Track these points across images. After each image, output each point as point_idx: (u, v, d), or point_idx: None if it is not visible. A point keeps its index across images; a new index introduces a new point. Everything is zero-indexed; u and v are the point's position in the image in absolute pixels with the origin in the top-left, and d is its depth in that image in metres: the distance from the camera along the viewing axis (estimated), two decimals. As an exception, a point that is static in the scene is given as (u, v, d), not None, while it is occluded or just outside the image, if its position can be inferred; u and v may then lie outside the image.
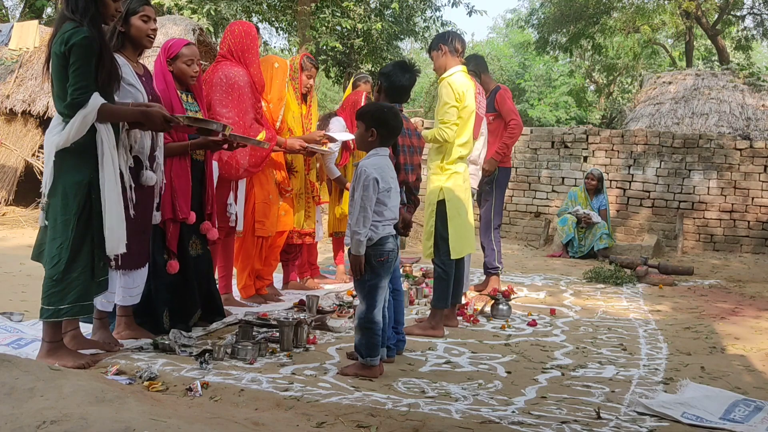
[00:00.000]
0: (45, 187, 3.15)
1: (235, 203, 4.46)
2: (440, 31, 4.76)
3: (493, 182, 5.67)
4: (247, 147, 4.37)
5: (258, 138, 4.24)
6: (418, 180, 4.05)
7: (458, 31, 4.64)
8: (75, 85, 3.01)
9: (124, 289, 3.55)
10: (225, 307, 4.32)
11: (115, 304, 3.59)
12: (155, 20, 3.58)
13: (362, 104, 5.54)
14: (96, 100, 3.05)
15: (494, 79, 6.06)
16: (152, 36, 3.55)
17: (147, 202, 3.55)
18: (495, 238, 5.62)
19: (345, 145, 5.57)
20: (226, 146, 3.92)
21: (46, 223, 3.13)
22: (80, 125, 3.03)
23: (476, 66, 5.73)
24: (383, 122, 3.34)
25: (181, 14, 13.29)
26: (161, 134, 3.55)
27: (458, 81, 4.32)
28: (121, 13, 3.38)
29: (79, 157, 3.07)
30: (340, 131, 5.37)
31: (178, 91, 3.92)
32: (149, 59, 8.62)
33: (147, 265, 3.64)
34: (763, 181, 9.41)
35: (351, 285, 5.13)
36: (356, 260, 3.26)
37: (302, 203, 5.24)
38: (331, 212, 5.85)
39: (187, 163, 3.88)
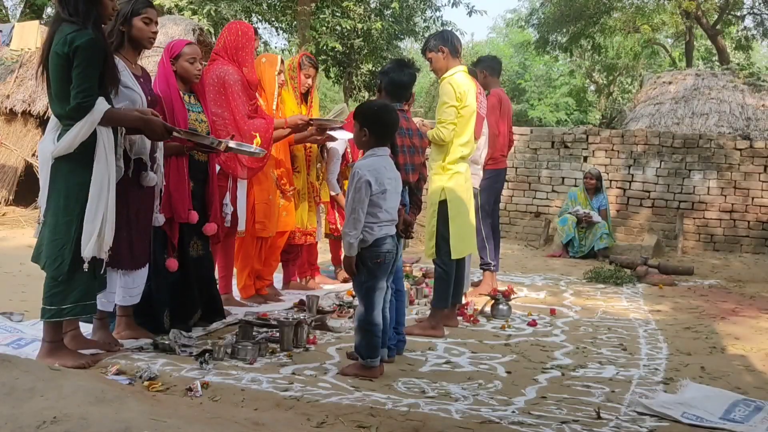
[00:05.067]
0: (41, 197, 3.13)
1: (231, 204, 4.43)
2: (436, 32, 4.69)
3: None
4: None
5: (254, 144, 4.20)
6: (422, 180, 4.03)
7: (453, 30, 4.63)
8: (80, 87, 2.99)
9: (124, 289, 3.54)
10: (225, 307, 4.31)
11: (115, 304, 3.59)
12: (157, 23, 3.57)
13: None
14: (102, 104, 3.05)
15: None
16: (153, 38, 3.55)
17: (148, 203, 3.55)
18: (486, 234, 5.61)
19: (343, 155, 5.59)
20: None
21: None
22: (87, 130, 3.03)
23: (487, 66, 5.73)
24: (375, 120, 3.31)
25: (182, 15, 13.29)
26: None
27: (459, 80, 4.32)
28: (124, 12, 3.39)
29: (81, 159, 3.06)
30: (342, 140, 5.38)
31: (181, 92, 3.91)
32: (148, 59, 8.62)
33: (147, 266, 3.64)
34: (763, 181, 9.40)
35: (351, 285, 5.13)
36: (348, 261, 3.26)
37: (304, 202, 5.23)
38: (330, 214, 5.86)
39: (184, 164, 3.87)
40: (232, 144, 3.77)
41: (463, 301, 4.84)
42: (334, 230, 5.71)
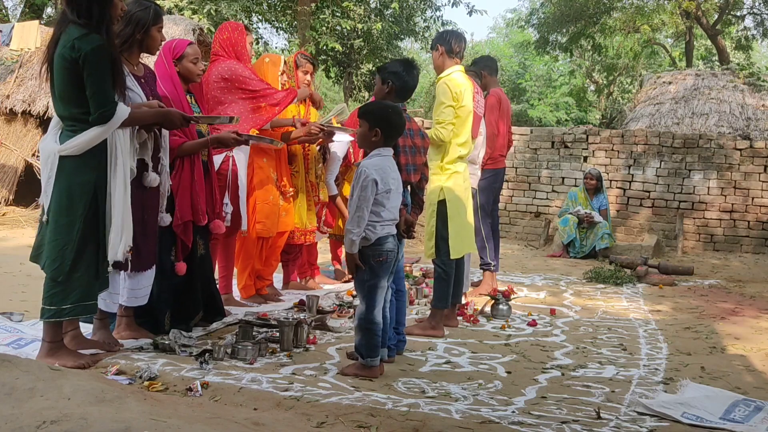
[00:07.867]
0: (43, 196, 3.12)
1: (232, 203, 4.44)
2: (441, 30, 4.76)
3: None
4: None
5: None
6: (424, 180, 4.03)
7: (459, 31, 4.63)
8: (98, 97, 2.99)
9: (130, 290, 3.54)
10: (225, 307, 4.31)
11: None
12: None
13: None
14: (123, 110, 3.06)
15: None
16: (160, 46, 3.63)
17: (153, 204, 3.55)
18: (486, 234, 5.61)
19: (345, 157, 5.59)
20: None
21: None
22: (104, 134, 3.04)
23: (485, 67, 5.75)
24: (388, 121, 3.33)
25: (182, 15, 13.29)
26: (166, 136, 3.55)
27: (455, 81, 4.33)
28: (144, 21, 3.43)
29: (84, 159, 3.05)
30: (344, 142, 5.38)
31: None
32: (148, 59, 8.62)
33: (153, 267, 3.63)
34: (763, 181, 9.41)
35: (351, 285, 5.13)
36: (350, 259, 3.27)
37: (304, 202, 5.23)
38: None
39: (200, 164, 3.89)
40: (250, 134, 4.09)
41: (463, 301, 4.84)
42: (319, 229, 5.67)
